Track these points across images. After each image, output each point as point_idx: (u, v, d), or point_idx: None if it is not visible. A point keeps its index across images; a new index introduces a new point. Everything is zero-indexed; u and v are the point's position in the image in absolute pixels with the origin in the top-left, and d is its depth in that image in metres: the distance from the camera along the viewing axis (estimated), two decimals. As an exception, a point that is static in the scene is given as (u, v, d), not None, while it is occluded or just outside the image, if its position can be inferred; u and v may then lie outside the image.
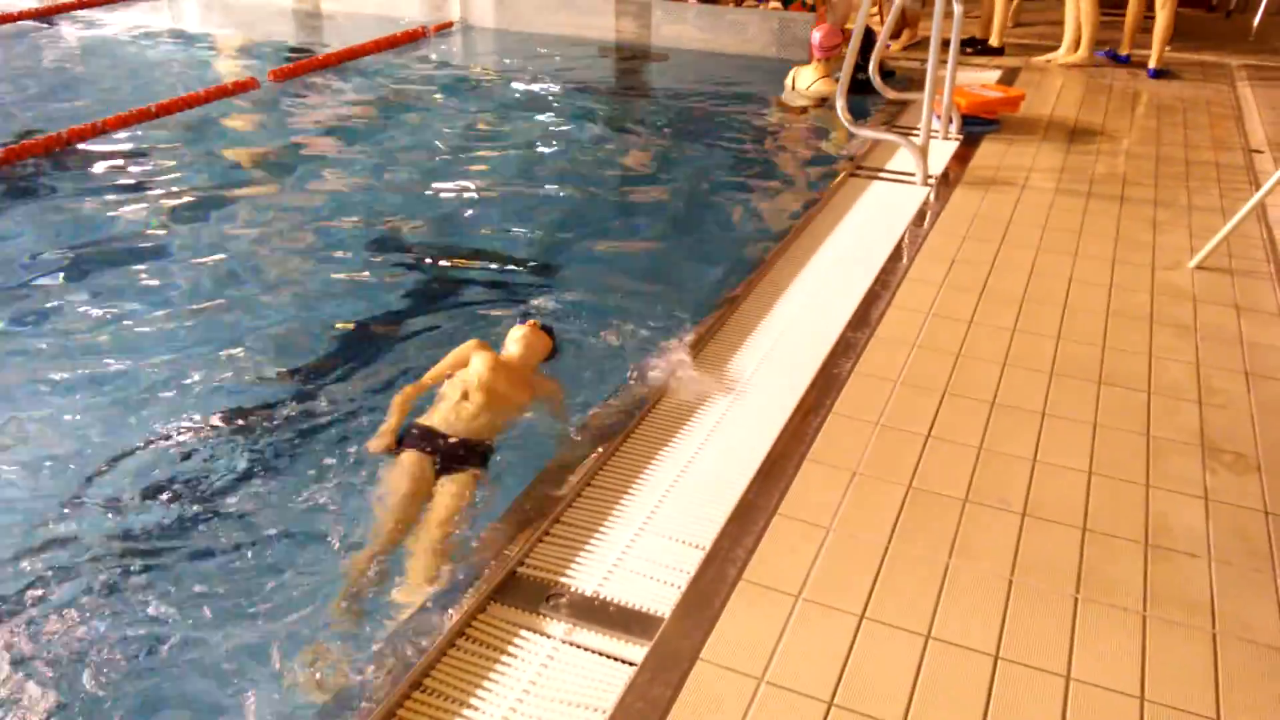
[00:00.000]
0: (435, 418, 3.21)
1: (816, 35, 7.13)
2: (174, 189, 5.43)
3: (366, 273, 4.56)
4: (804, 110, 6.99)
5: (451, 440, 3.14)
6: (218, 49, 8.62)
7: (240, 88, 6.90)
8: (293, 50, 8.36)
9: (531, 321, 3.64)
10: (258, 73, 7.32)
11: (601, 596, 2.47)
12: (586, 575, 2.55)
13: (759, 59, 8.11)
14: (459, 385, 3.30)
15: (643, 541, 2.67)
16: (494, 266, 4.64)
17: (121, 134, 6.12)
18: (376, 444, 3.19)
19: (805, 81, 7.20)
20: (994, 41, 8.02)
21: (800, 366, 3.54)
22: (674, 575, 2.54)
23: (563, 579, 2.53)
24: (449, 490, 3.00)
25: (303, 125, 6.62)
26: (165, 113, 6.40)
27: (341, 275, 4.52)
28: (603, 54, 8.60)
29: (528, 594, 2.48)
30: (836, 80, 6.98)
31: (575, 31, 8.77)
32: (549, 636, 2.37)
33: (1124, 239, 4.61)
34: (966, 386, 3.41)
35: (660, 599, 2.46)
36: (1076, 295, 4.07)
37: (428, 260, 4.69)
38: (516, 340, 3.54)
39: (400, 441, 3.17)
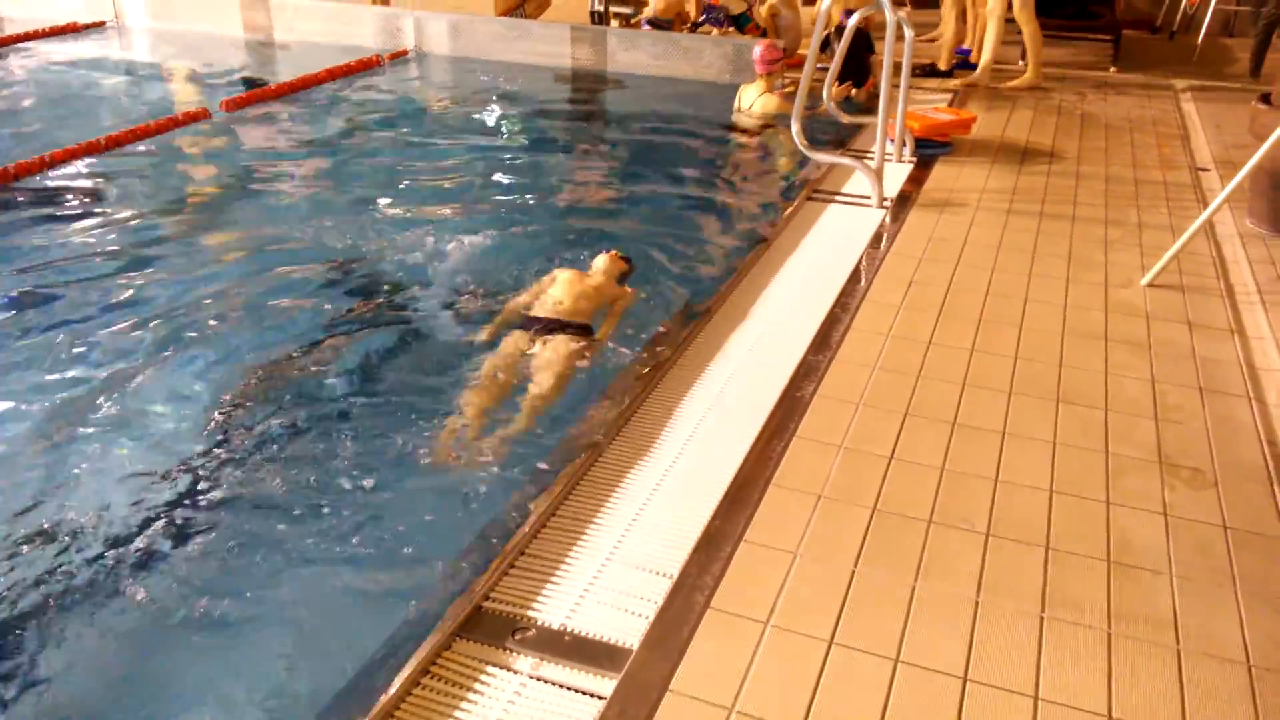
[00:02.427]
0: (532, 309, 4.15)
1: (757, 50, 7.23)
2: (124, 221, 5.34)
3: (321, 302, 4.50)
4: (754, 132, 7.04)
5: (546, 318, 4.04)
6: (168, 80, 8.53)
7: (191, 118, 6.83)
8: (245, 80, 8.29)
9: (612, 251, 4.59)
10: (209, 103, 7.25)
11: (569, 629, 2.44)
12: (553, 608, 2.52)
13: (713, 84, 8.17)
14: (550, 288, 4.23)
15: (610, 571, 2.65)
16: (449, 293, 4.61)
17: (69, 167, 6.03)
18: (483, 335, 4.10)
19: (749, 99, 7.27)
20: (942, 65, 8.15)
21: (764, 390, 3.54)
22: (642, 605, 2.52)
23: (529, 612, 2.50)
24: (549, 347, 3.89)
25: (255, 155, 6.55)
26: (114, 145, 6.31)
27: (295, 306, 4.46)
28: (559, 81, 8.63)
29: (494, 629, 2.44)
30: (781, 96, 7.08)
31: (531, 59, 8.79)
32: (516, 672, 2.33)
33: (1077, 258, 4.68)
34: (928, 407, 3.43)
35: (628, 630, 2.44)
36: (1032, 314, 4.12)
37: (383, 289, 4.65)
38: (598, 262, 4.52)
39: None
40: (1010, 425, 3.32)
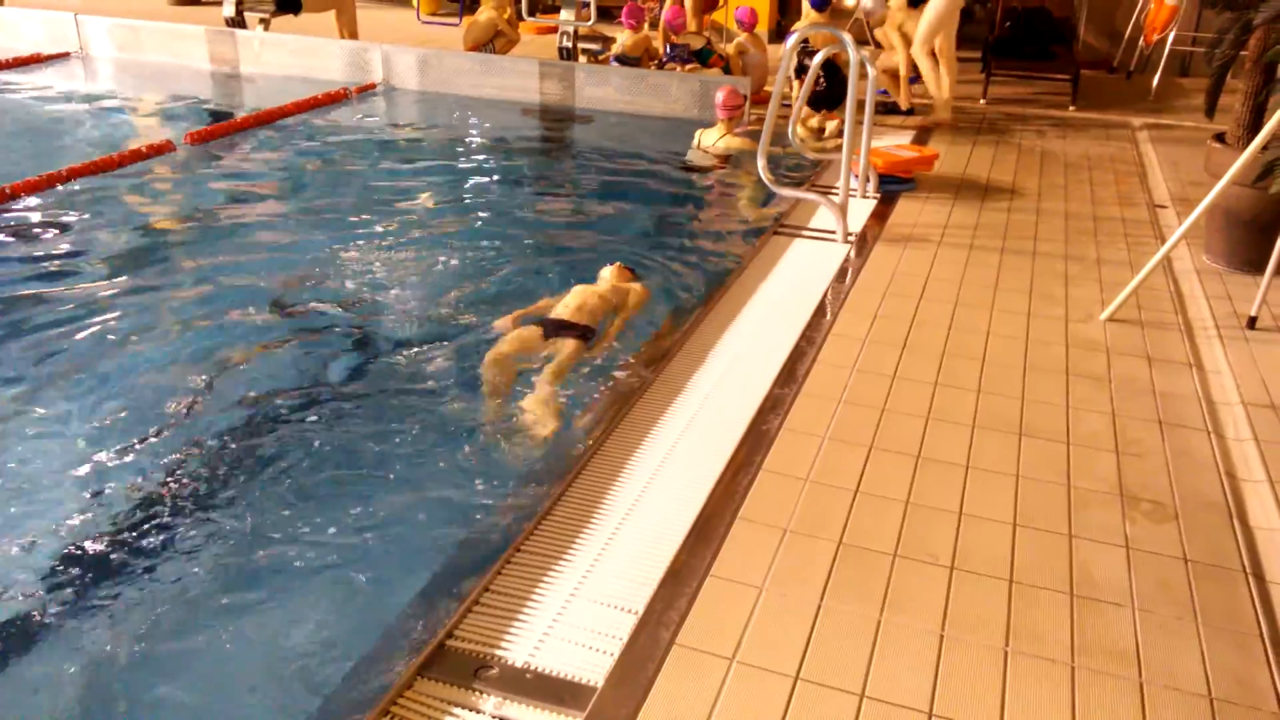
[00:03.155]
0: (549, 313, 4.48)
1: (720, 95, 7.28)
2: (87, 254, 5.28)
3: (286, 336, 4.47)
4: (710, 169, 7.08)
5: (555, 319, 4.36)
6: (133, 111, 8.48)
7: (156, 150, 6.79)
8: (211, 112, 8.26)
9: (616, 264, 4.92)
10: (175, 135, 7.21)
11: (533, 667, 2.42)
12: (518, 645, 2.49)
13: (680, 120, 8.24)
14: (565, 298, 4.55)
15: (575, 607, 2.63)
16: (414, 328, 4.59)
17: (31, 199, 5.96)
18: (500, 323, 4.49)
19: (710, 140, 7.32)
20: (903, 104, 8.26)
21: (730, 423, 3.54)
22: (607, 642, 2.50)
23: (494, 650, 2.47)
24: (559, 346, 4.20)
25: (221, 188, 6.51)
26: (77, 176, 6.25)
27: (258, 338, 4.42)
28: (527, 115, 8.67)
29: (457, 667, 2.41)
30: (743, 138, 7.14)
31: (499, 94, 8.83)
32: (480, 712, 2.30)
33: (1038, 293, 4.74)
34: (892, 441, 3.45)
35: (593, 667, 2.41)
36: (995, 349, 4.17)
37: (347, 323, 4.62)
38: (604, 272, 4.88)
39: None
40: (974, 459, 3.35)
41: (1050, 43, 9.15)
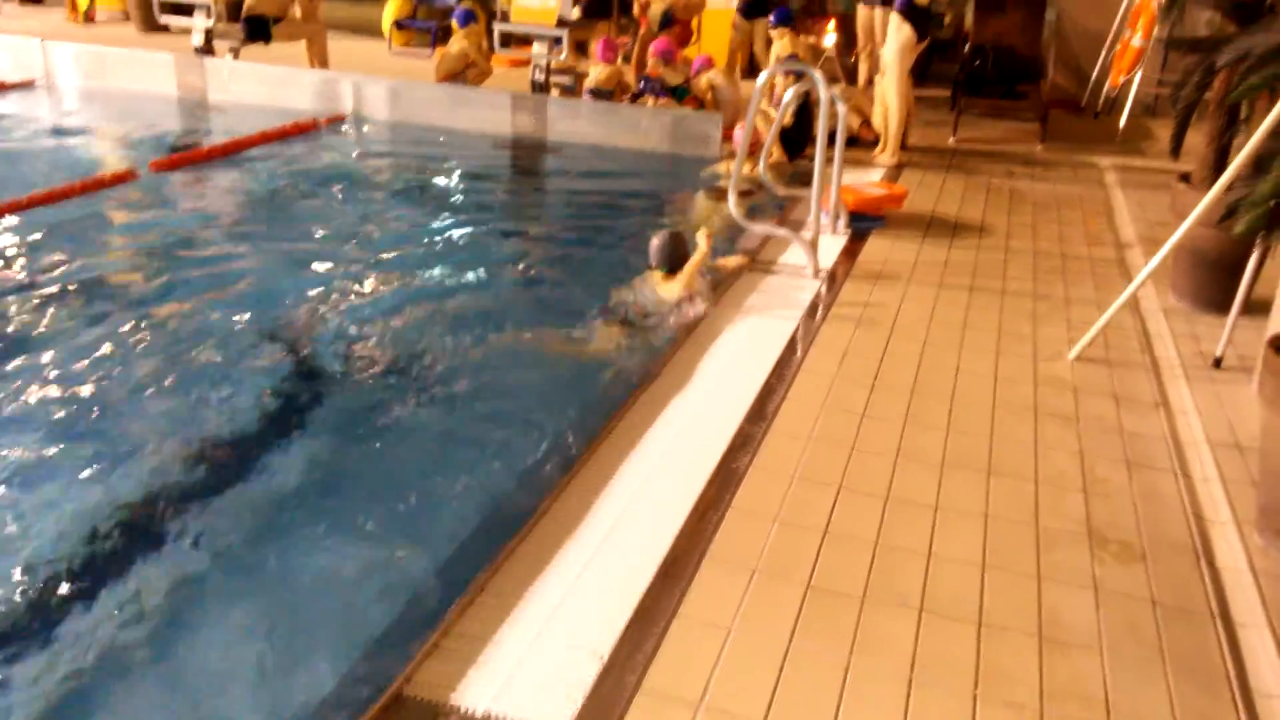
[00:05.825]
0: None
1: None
2: (47, 283, 5.17)
3: (249, 374, 4.38)
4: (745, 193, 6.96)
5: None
6: (97, 139, 8.37)
7: (118, 179, 6.70)
8: (177, 142, 8.17)
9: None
10: (139, 164, 7.12)
11: (495, 715, 2.35)
12: (479, 692, 2.42)
13: (652, 153, 8.26)
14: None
15: (539, 651, 2.56)
16: (382, 361, 4.52)
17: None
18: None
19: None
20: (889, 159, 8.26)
21: (699, 462, 3.51)
22: (571, 688, 2.44)
23: (453, 698, 2.40)
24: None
25: (184, 217, 6.43)
26: (38, 204, 6.15)
27: (220, 373, 4.34)
28: (498, 148, 8.65)
29: (415, 717, 2.34)
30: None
31: (471, 126, 8.81)
32: (437, 760, 2.23)
33: (1006, 331, 4.75)
34: (861, 480, 3.42)
35: (557, 715, 2.35)
36: (964, 387, 4.17)
37: (314, 358, 4.55)
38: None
39: None
40: (942, 499, 3.33)
41: (1019, 82, 9.27)
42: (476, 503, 3.42)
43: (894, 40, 7.50)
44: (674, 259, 5.12)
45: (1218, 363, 4.40)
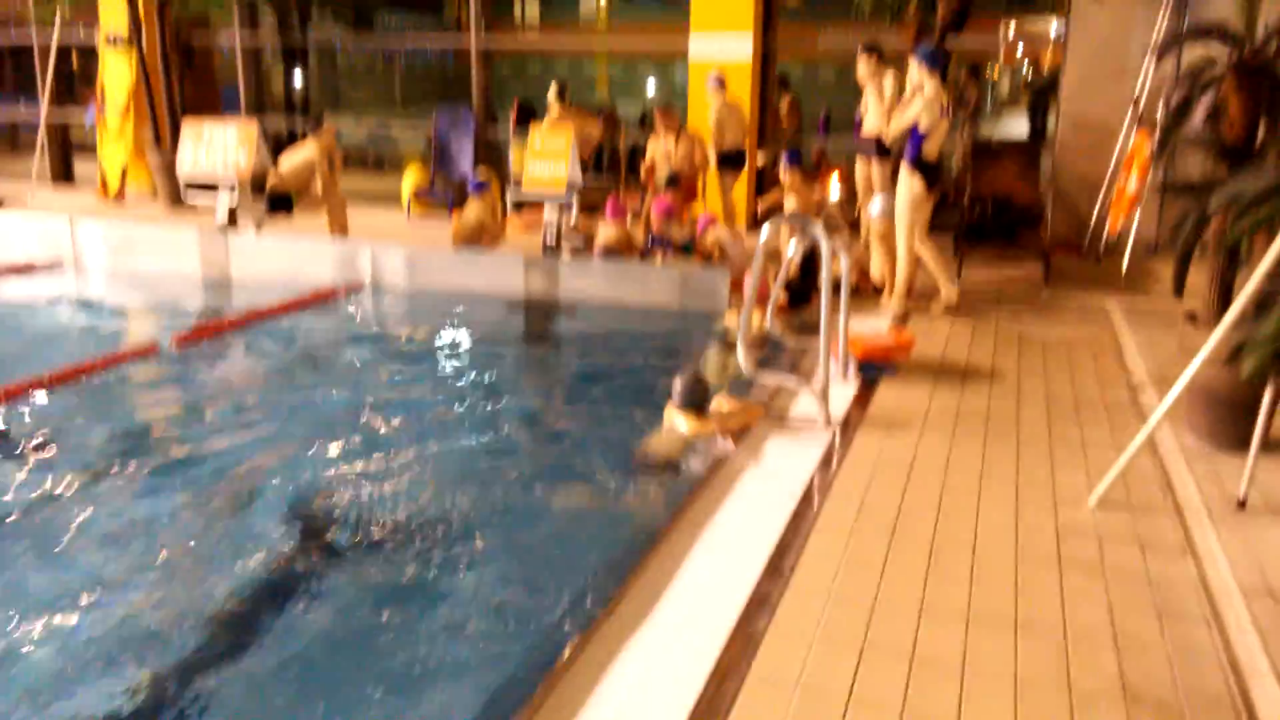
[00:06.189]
0: None
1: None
2: (68, 460, 5.21)
3: (271, 544, 4.36)
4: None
5: None
6: (121, 317, 8.59)
7: (139, 354, 6.83)
8: (201, 316, 8.37)
9: None
10: (161, 338, 7.27)
11: None
12: None
13: (663, 310, 8.39)
14: None
15: (551, 840, 2.44)
16: (399, 529, 4.50)
17: (7, 405, 5.93)
18: None
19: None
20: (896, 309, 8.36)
21: (715, 625, 3.42)
22: None
23: None
24: None
25: (205, 390, 6.52)
26: (59, 381, 6.26)
27: (243, 549, 4.31)
28: (512, 310, 8.82)
29: None
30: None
31: (486, 289, 9.00)
32: None
33: (1024, 478, 4.70)
34: (885, 640, 3.32)
35: None
36: (985, 538, 4.09)
37: (333, 528, 4.53)
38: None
39: None
40: (969, 658, 3.22)
41: (1018, 228, 9.45)
42: (485, 678, 3.33)
43: (904, 192, 7.67)
44: (697, 398, 5.35)
45: (1242, 504, 4.32)
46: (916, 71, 7.56)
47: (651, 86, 22.30)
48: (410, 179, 12.21)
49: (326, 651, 3.58)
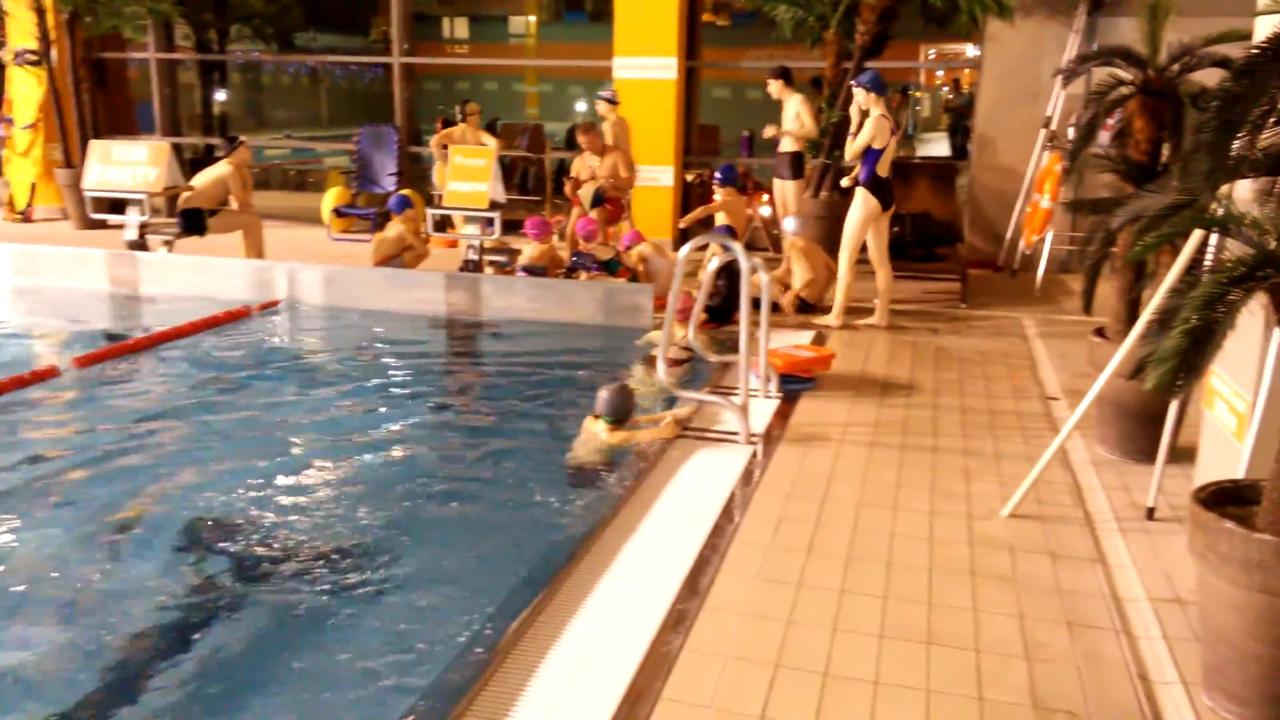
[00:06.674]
0: None
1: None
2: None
3: (175, 571, 4.19)
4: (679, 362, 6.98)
5: None
6: (21, 337, 8.25)
7: (38, 377, 6.55)
8: (106, 336, 8.08)
9: None
10: (63, 360, 7.00)
11: None
12: None
13: (587, 326, 8.33)
14: None
15: None
16: (315, 547, 4.36)
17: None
18: None
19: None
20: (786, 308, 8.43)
21: (629, 646, 3.35)
22: None
23: None
24: None
25: (107, 412, 6.28)
26: (-49, 406, 5.98)
27: (145, 577, 4.13)
28: (434, 328, 8.68)
29: None
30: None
31: (407, 307, 8.84)
32: None
33: (939, 490, 4.72)
34: (799, 657, 3.29)
35: None
36: (899, 550, 4.09)
37: (243, 553, 4.36)
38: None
39: None
40: (882, 673, 3.20)
41: (936, 245, 9.60)
42: (389, 709, 3.22)
43: (857, 211, 7.77)
44: (621, 410, 5.40)
45: (1150, 513, 4.39)
46: (863, 97, 7.69)
47: (582, 105, 22.32)
48: (332, 195, 12.00)
49: (225, 680, 3.44)
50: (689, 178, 11.95)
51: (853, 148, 7.76)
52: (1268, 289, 2.85)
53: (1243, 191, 3.67)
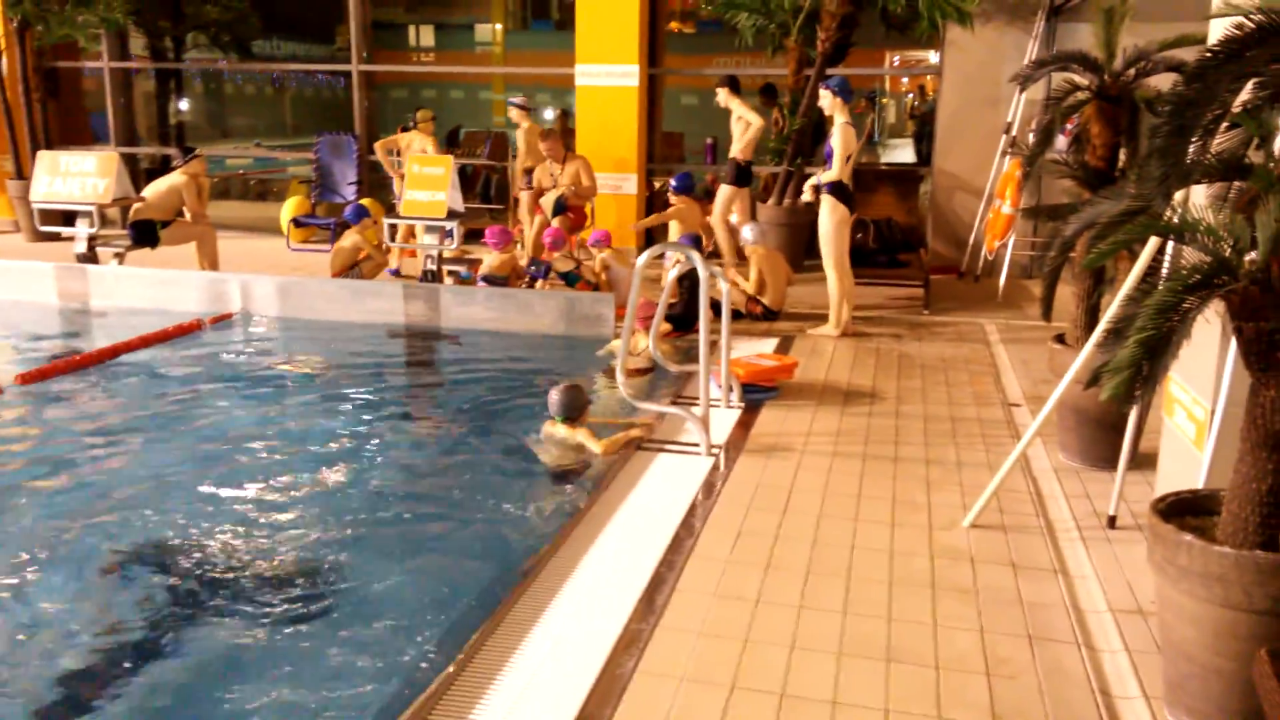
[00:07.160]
0: None
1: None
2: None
3: (126, 595, 4.05)
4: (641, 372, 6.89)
5: None
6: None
7: (-21, 394, 6.36)
8: (53, 352, 7.85)
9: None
10: (4, 377, 6.79)
11: None
12: None
13: (547, 335, 8.22)
14: None
15: None
16: (269, 565, 4.22)
17: None
18: None
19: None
20: (741, 309, 8.36)
21: (580, 669, 3.25)
22: None
23: None
24: None
25: (53, 431, 6.10)
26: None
27: (95, 600, 4.00)
28: (392, 338, 8.54)
29: None
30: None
31: (365, 317, 8.70)
32: None
33: (900, 500, 4.66)
34: (755, 677, 3.20)
35: None
36: (859, 563, 4.01)
37: (189, 574, 4.21)
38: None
39: None
40: (840, 693, 3.12)
41: (900, 251, 9.57)
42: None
43: (828, 220, 7.70)
44: (573, 409, 5.46)
45: (1112, 522, 4.35)
46: (829, 101, 7.64)
47: (549, 113, 22.21)
48: (290, 205, 11.82)
49: (169, 709, 3.31)
50: (659, 184, 11.87)
51: (836, 164, 7.61)
52: (1223, 296, 2.80)
53: (1199, 197, 3.64)
